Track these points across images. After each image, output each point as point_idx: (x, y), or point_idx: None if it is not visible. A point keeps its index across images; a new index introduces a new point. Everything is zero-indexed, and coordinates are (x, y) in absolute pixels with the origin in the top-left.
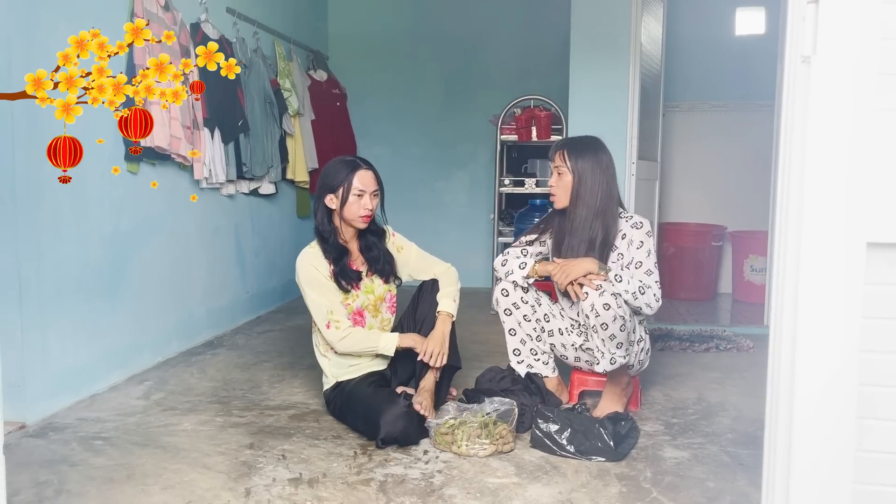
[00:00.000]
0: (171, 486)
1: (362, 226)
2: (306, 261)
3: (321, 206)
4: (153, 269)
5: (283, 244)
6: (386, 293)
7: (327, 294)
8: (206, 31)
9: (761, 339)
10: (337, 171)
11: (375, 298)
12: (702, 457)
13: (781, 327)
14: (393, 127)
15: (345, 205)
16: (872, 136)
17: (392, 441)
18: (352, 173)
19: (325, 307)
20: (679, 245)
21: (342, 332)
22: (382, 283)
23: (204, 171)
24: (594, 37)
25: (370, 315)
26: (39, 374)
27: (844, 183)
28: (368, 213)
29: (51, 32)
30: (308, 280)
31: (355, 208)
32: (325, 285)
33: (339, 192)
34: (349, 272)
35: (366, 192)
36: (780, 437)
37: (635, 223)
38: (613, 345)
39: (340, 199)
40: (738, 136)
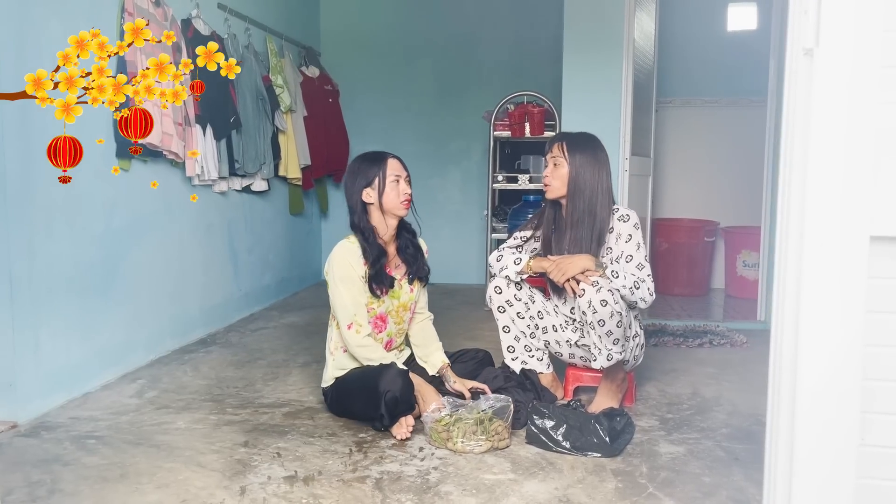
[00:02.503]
0: (165, 484)
1: (404, 212)
2: (343, 256)
3: (358, 203)
4: (146, 266)
5: (277, 241)
6: (410, 302)
7: (356, 295)
8: (197, 28)
9: (755, 334)
10: (368, 165)
11: (399, 305)
12: (697, 452)
13: (783, 322)
14: (386, 123)
15: (383, 194)
16: (875, 129)
17: (392, 402)
18: (383, 162)
19: (351, 307)
20: (672, 241)
21: (362, 339)
22: (409, 290)
23: (196, 168)
24: (587, 33)
25: (392, 321)
26: (31, 372)
27: (847, 177)
28: (408, 198)
29: (42, 28)
30: (342, 276)
31: (394, 195)
32: (357, 285)
33: (374, 182)
34: (384, 276)
35: (401, 178)
36: (782, 431)
37: (622, 216)
38: (610, 341)
39: (378, 189)
40: (731, 132)
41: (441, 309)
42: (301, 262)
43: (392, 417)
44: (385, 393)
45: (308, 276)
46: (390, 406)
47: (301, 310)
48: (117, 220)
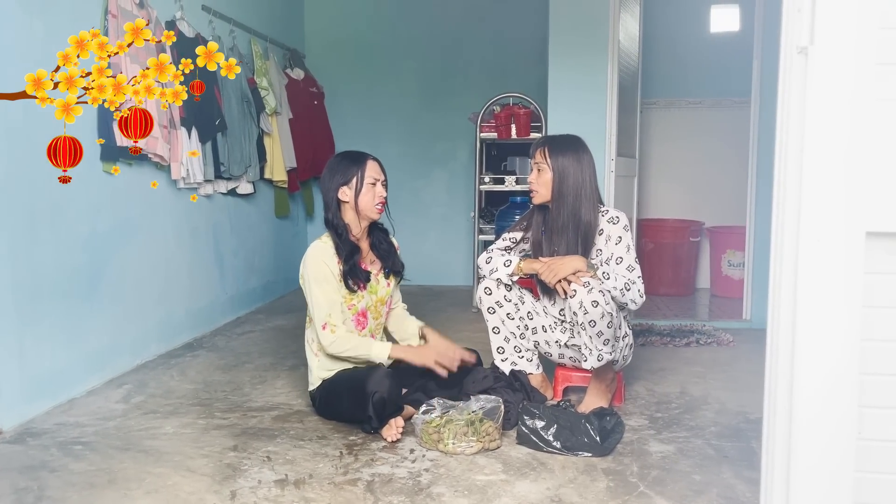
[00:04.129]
0: (154, 490)
1: (377, 216)
2: (316, 256)
3: (334, 201)
4: (131, 270)
5: (262, 244)
6: (387, 296)
7: (331, 293)
8: (181, 29)
9: (741, 332)
10: (348, 164)
11: (377, 300)
12: (687, 450)
13: (780, 318)
14: (371, 125)
15: (359, 195)
16: (870, 125)
17: (380, 403)
18: (363, 163)
19: (325, 307)
20: (658, 241)
21: (335, 336)
22: (386, 285)
23: (181, 171)
24: (573, 34)
25: (371, 316)
26: (16, 378)
27: (843, 173)
28: (382, 202)
29: (24, 29)
30: (316, 276)
31: (370, 197)
32: (332, 284)
33: (352, 182)
34: (359, 271)
35: (378, 181)
36: (779, 426)
37: (611, 218)
38: (601, 341)
39: (355, 189)
40: (715, 133)
41: (428, 311)
42: (287, 265)
43: (380, 419)
44: (372, 394)
45: (294, 279)
46: (378, 407)
47: (288, 313)
48: (102, 223)
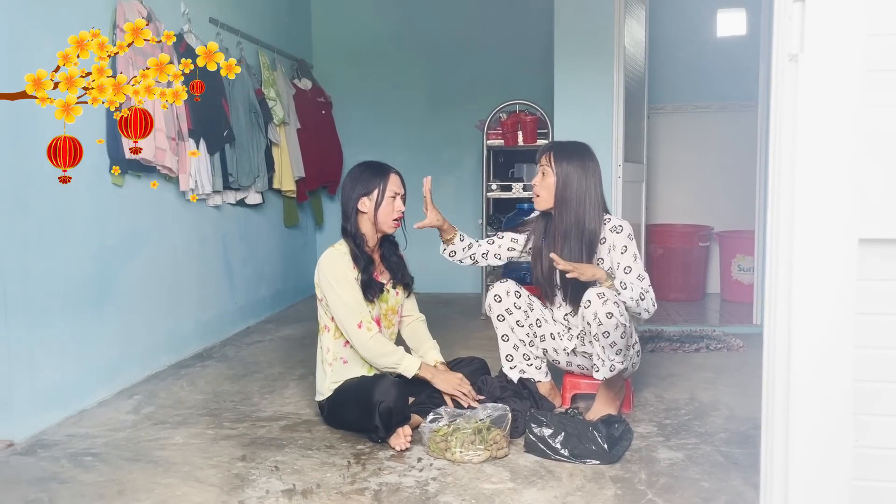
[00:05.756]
0: (162, 500)
1: (392, 230)
2: (333, 261)
3: (353, 210)
4: (140, 281)
5: (271, 254)
6: (398, 305)
7: (357, 294)
8: (189, 43)
9: (751, 338)
10: (371, 175)
11: (388, 308)
12: (696, 457)
13: (775, 325)
14: (378, 134)
15: (379, 207)
16: (861, 132)
17: (387, 413)
18: (386, 176)
19: (355, 307)
20: (667, 246)
21: (371, 334)
22: (395, 294)
23: (190, 183)
24: (578, 41)
25: (385, 325)
26: (27, 390)
27: (835, 180)
28: (400, 216)
29: (34, 45)
30: (338, 279)
31: (389, 210)
32: (355, 286)
33: (373, 194)
34: (374, 283)
35: (398, 195)
36: (776, 434)
37: (614, 227)
38: (613, 352)
39: (375, 201)
40: (723, 137)
41: (437, 318)
42: (296, 275)
43: (387, 428)
44: (379, 403)
45: (303, 288)
46: (384, 417)
47: (297, 322)
48: (111, 235)
